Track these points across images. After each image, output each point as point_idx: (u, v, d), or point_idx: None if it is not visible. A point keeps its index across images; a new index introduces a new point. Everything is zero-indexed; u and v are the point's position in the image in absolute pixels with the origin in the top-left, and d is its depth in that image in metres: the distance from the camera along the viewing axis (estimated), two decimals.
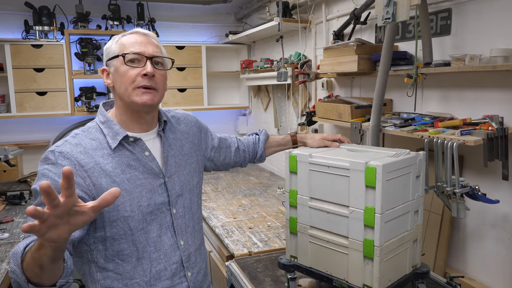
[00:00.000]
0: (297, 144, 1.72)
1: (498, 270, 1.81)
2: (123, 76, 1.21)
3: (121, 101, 1.25)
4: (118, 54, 1.22)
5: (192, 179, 1.40)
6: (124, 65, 1.21)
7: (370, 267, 1.29)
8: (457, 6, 1.90)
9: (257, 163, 1.79)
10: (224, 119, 4.88)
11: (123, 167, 1.22)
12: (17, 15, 3.91)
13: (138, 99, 1.20)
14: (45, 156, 1.18)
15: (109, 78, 1.26)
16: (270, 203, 3.02)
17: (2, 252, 2.22)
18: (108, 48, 1.26)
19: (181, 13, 4.49)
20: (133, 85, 1.20)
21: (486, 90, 1.80)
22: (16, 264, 0.97)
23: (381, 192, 1.24)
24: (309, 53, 3.20)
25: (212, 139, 1.59)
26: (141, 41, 1.23)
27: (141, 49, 1.21)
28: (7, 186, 3.73)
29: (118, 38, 1.25)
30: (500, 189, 1.75)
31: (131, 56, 1.20)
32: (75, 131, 1.27)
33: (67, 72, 3.89)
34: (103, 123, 1.25)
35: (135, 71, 1.20)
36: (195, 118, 1.54)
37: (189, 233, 1.35)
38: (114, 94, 1.27)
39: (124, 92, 1.21)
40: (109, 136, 1.22)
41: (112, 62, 1.24)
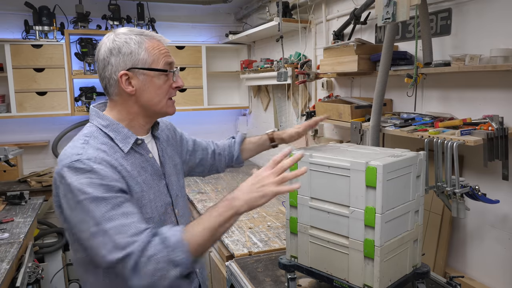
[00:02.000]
0: (275, 142, 1.68)
1: (498, 270, 1.81)
2: (159, 88, 1.21)
3: (141, 109, 1.22)
4: (152, 66, 1.19)
5: (180, 179, 1.42)
6: (160, 78, 1.21)
7: (370, 267, 1.29)
8: (457, 6, 1.90)
9: (236, 166, 1.75)
10: (224, 119, 4.88)
11: (138, 169, 1.21)
12: (17, 15, 3.91)
13: (170, 110, 1.25)
14: (74, 167, 1.07)
15: (131, 84, 1.19)
16: (270, 203, 3.01)
17: (2, 252, 2.22)
18: (134, 53, 1.17)
19: (181, 13, 4.49)
20: (167, 97, 1.23)
21: (486, 90, 1.80)
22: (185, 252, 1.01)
23: (381, 192, 1.24)
24: (309, 53, 3.20)
25: (187, 142, 1.58)
26: (167, 51, 1.24)
27: (172, 60, 1.24)
28: (7, 186, 3.74)
29: (140, 40, 1.19)
30: (500, 189, 1.75)
31: (169, 69, 1.22)
32: (79, 137, 1.18)
33: (67, 72, 3.89)
34: (107, 127, 1.20)
35: (169, 82, 1.23)
36: (169, 122, 1.54)
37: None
38: (127, 100, 1.21)
39: (157, 103, 1.22)
40: (118, 139, 1.19)
41: (143, 72, 1.19)
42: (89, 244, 1.06)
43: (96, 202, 1.04)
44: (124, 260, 1.01)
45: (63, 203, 1.09)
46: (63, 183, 1.07)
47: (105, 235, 1.03)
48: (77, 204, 1.05)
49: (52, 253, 3.58)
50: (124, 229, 1.03)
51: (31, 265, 2.44)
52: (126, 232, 1.03)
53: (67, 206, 1.08)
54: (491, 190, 1.74)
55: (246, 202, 1.06)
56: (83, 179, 1.05)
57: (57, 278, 3.58)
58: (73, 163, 1.07)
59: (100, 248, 1.03)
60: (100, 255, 1.04)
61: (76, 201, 1.05)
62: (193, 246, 1.04)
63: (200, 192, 3.38)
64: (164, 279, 1.01)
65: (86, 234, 1.05)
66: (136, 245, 1.02)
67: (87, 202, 1.04)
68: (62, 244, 3.64)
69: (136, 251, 1.02)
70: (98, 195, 1.05)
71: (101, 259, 1.04)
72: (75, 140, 1.17)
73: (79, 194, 1.04)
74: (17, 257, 2.29)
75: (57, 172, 1.10)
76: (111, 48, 1.17)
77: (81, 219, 1.06)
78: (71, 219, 1.09)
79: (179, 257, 1.02)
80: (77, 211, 1.06)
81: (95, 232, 1.03)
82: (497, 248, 1.81)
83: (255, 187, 1.06)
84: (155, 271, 1.01)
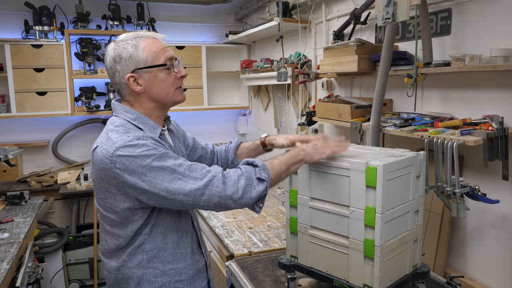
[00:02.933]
0: (267, 147, 1.71)
1: (498, 270, 1.81)
2: (163, 81, 1.34)
3: (154, 103, 1.36)
4: (153, 64, 1.31)
5: None
6: (162, 72, 1.33)
7: (370, 267, 1.30)
8: (457, 6, 1.90)
9: None
10: (224, 119, 4.88)
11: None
12: (17, 15, 3.91)
13: (179, 98, 1.39)
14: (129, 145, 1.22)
15: (139, 84, 1.32)
16: (270, 203, 3.02)
17: (2, 252, 2.22)
18: (133, 56, 1.30)
19: (181, 13, 4.49)
20: (174, 87, 1.36)
21: (486, 90, 1.80)
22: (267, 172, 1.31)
23: (381, 192, 1.24)
24: (309, 53, 3.20)
25: (188, 139, 1.69)
26: (164, 46, 1.36)
27: (170, 54, 1.35)
28: (7, 186, 3.74)
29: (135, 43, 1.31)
30: (500, 189, 1.75)
31: (168, 63, 1.34)
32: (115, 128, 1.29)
33: (67, 72, 3.89)
34: (135, 120, 1.33)
35: (172, 75, 1.35)
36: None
37: (196, 216, 1.55)
38: (140, 98, 1.34)
39: (166, 95, 1.35)
40: (147, 130, 1.33)
41: (146, 70, 1.31)
42: (170, 191, 1.21)
43: (162, 158, 1.22)
44: (210, 184, 1.23)
45: (127, 177, 1.22)
46: (122, 161, 1.21)
47: (184, 176, 1.23)
48: (145, 168, 1.20)
49: (52, 253, 3.58)
50: (194, 167, 1.26)
51: (31, 265, 2.44)
52: (197, 169, 1.25)
53: (134, 177, 1.21)
54: (491, 190, 1.74)
55: (308, 155, 1.38)
56: (142, 150, 1.21)
57: (57, 278, 3.59)
58: (128, 143, 1.22)
59: (185, 186, 1.22)
60: (187, 191, 1.22)
61: (143, 165, 1.20)
62: (272, 172, 1.32)
63: None
64: (253, 191, 1.27)
65: (165, 184, 1.21)
66: (213, 172, 1.26)
67: (155, 161, 1.21)
68: (62, 244, 3.64)
69: (216, 175, 1.25)
70: (162, 153, 1.23)
71: (188, 196, 1.22)
72: (112, 131, 1.28)
73: (145, 159, 1.20)
74: (17, 257, 2.29)
75: (112, 155, 1.21)
76: (114, 56, 1.32)
77: (154, 176, 1.21)
78: (142, 185, 1.22)
79: (264, 175, 1.29)
80: (149, 173, 1.21)
81: (173, 178, 1.22)
82: (497, 248, 1.81)
83: (315, 147, 1.39)
84: (246, 186, 1.26)
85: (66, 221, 4.10)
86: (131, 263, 1.35)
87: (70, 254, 3.75)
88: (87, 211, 4.19)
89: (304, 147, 1.40)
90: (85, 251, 3.78)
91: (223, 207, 1.27)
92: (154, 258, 1.35)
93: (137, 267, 1.34)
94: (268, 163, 1.33)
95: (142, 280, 1.34)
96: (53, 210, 4.06)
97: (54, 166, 4.25)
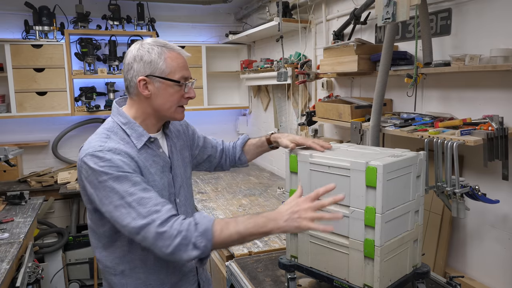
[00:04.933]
0: (272, 144, 1.69)
1: (498, 270, 1.81)
2: (171, 96, 1.34)
3: (153, 111, 1.37)
4: (168, 76, 1.32)
5: (187, 171, 1.56)
6: (173, 87, 1.34)
7: (370, 267, 1.30)
8: (457, 6, 1.90)
9: (240, 167, 1.80)
10: (224, 119, 4.88)
11: (150, 162, 1.36)
12: (17, 15, 3.91)
13: (179, 117, 1.40)
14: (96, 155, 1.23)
15: (148, 89, 1.33)
16: (270, 203, 3.02)
17: (2, 252, 2.22)
18: (154, 62, 1.31)
19: (181, 13, 4.49)
20: (177, 105, 1.37)
21: (486, 90, 1.80)
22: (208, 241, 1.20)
23: (381, 192, 1.24)
24: (309, 53, 3.20)
25: (198, 138, 1.69)
26: (185, 65, 1.36)
27: (188, 74, 1.36)
28: (7, 186, 3.74)
29: (160, 51, 1.32)
30: (500, 189, 1.75)
31: (182, 81, 1.34)
32: (102, 131, 1.33)
33: (67, 72, 3.89)
34: (125, 124, 1.35)
35: (181, 92, 1.36)
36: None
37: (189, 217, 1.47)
38: (143, 101, 1.35)
39: (167, 109, 1.36)
40: (133, 137, 1.34)
41: (159, 80, 1.32)
42: (113, 216, 1.22)
43: (118, 180, 1.21)
44: (147, 227, 1.19)
45: (86, 184, 1.26)
46: (85, 168, 1.24)
47: (129, 207, 1.20)
48: (100, 184, 1.22)
49: (52, 253, 3.58)
50: (145, 201, 1.21)
51: (31, 265, 2.44)
52: (147, 204, 1.21)
53: (90, 187, 1.25)
54: (491, 190, 1.74)
55: (280, 228, 1.20)
56: (104, 165, 1.22)
57: (57, 278, 3.59)
58: (96, 152, 1.24)
59: (124, 218, 1.20)
60: (124, 224, 1.21)
61: (99, 181, 1.22)
62: (217, 240, 1.20)
63: (200, 192, 3.38)
64: (184, 253, 1.20)
65: (110, 207, 1.22)
66: (159, 215, 1.20)
67: (110, 181, 1.21)
68: (62, 244, 3.64)
69: (158, 219, 1.19)
70: (120, 174, 1.22)
71: (124, 228, 1.22)
72: (99, 133, 1.33)
73: (102, 175, 1.21)
74: (17, 257, 2.29)
75: (81, 159, 1.26)
76: (136, 55, 1.33)
77: (105, 195, 1.22)
78: (94, 198, 1.25)
79: (200, 243, 1.19)
80: (101, 190, 1.22)
81: (119, 204, 1.21)
82: (497, 248, 1.81)
83: (294, 216, 1.19)
84: (180, 245, 1.18)
85: (66, 221, 4.10)
86: (113, 270, 1.37)
87: (70, 254, 3.75)
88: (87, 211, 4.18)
89: (276, 216, 1.20)
90: (85, 251, 3.78)
91: (155, 253, 1.23)
92: (136, 268, 1.36)
93: (120, 276, 1.36)
94: (220, 227, 1.21)
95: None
96: (53, 210, 4.06)
97: (54, 166, 4.25)
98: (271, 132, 1.72)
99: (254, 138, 1.78)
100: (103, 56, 4.10)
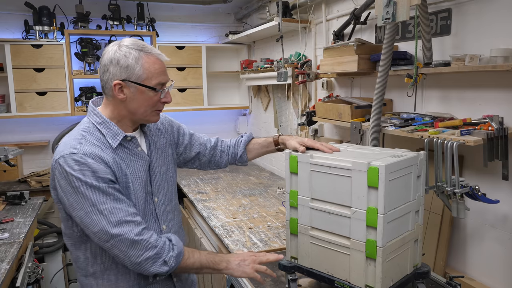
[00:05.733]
0: (279, 145, 1.68)
1: (498, 270, 1.81)
2: (146, 100, 1.34)
3: (128, 114, 1.36)
4: (144, 83, 1.31)
5: (169, 170, 1.55)
6: (149, 93, 1.33)
7: (372, 268, 1.29)
8: (457, 6, 1.90)
9: (239, 165, 1.79)
10: (224, 119, 4.88)
11: (127, 161, 1.36)
12: (17, 15, 3.91)
13: (153, 119, 1.40)
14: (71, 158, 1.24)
15: (123, 93, 1.32)
16: (270, 203, 3.02)
17: (2, 252, 2.22)
18: (130, 67, 1.29)
19: (181, 13, 4.49)
20: (153, 109, 1.37)
21: (486, 90, 1.80)
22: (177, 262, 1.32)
23: (383, 193, 1.24)
24: (309, 53, 3.20)
25: (184, 135, 1.68)
26: (163, 70, 1.35)
27: (164, 79, 1.35)
28: (7, 186, 3.74)
29: (138, 56, 1.30)
30: (500, 189, 1.75)
31: (158, 88, 1.33)
32: (78, 132, 1.33)
33: (67, 72, 3.89)
34: (100, 124, 1.35)
35: (157, 97, 1.35)
36: (165, 115, 1.65)
37: (169, 218, 1.52)
38: (118, 104, 1.35)
39: (143, 113, 1.36)
40: (108, 136, 1.34)
41: (134, 85, 1.31)
42: (84, 221, 1.25)
43: (91, 188, 1.23)
44: (120, 236, 1.23)
45: (58, 187, 1.28)
46: (59, 170, 1.25)
47: (100, 214, 1.23)
48: (73, 189, 1.23)
49: (52, 253, 3.58)
50: (116, 210, 1.24)
51: (31, 265, 2.44)
52: (118, 214, 1.24)
53: (62, 190, 1.26)
54: (491, 190, 1.75)
55: (229, 270, 1.40)
56: (79, 169, 1.23)
57: (57, 278, 3.58)
58: (71, 155, 1.24)
59: (95, 224, 1.24)
60: (95, 230, 1.24)
61: (72, 186, 1.23)
62: (182, 265, 1.34)
63: (200, 192, 3.38)
64: (151, 267, 1.28)
65: (80, 213, 1.24)
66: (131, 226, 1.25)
67: (83, 188, 1.23)
68: (62, 244, 3.63)
69: (134, 230, 1.25)
70: (93, 183, 1.23)
71: (94, 234, 1.25)
72: (74, 134, 1.33)
73: (75, 181, 1.22)
74: (17, 257, 2.29)
75: (56, 160, 1.27)
76: (112, 58, 1.31)
77: (76, 200, 1.24)
78: (65, 201, 1.27)
79: (171, 263, 1.31)
80: (73, 195, 1.24)
81: (90, 211, 1.23)
82: (497, 248, 1.81)
83: (242, 263, 1.40)
84: (150, 258, 1.27)
85: None
86: (85, 271, 1.39)
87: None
88: None
89: (230, 260, 1.40)
90: None
91: (120, 261, 1.29)
92: (107, 270, 1.37)
93: (91, 277, 1.39)
94: (188, 254, 1.36)
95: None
96: (53, 210, 4.06)
97: None
98: (279, 134, 1.70)
99: (259, 138, 1.77)
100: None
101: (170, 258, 1.30)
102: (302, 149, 1.48)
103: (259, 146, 1.74)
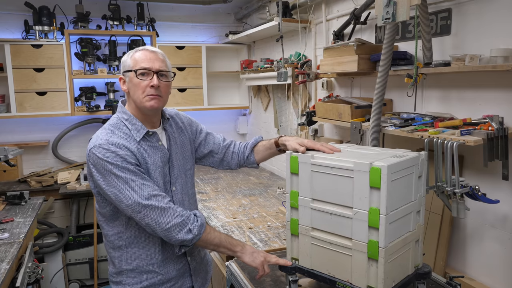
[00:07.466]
0: (280, 146, 1.69)
1: (498, 270, 1.81)
2: (136, 86, 1.51)
3: (134, 104, 1.54)
4: (132, 69, 1.50)
5: (187, 163, 1.70)
6: (136, 78, 1.50)
7: (374, 268, 1.29)
8: (457, 6, 1.90)
9: (249, 167, 1.83)
10: (224, 119, 4.88)
11: (149, 152, 1.53)
12: (17, 15, 3.91)
13: (147, 104, 1.51)
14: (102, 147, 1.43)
15: (125, 85, 1.55)
16: (270, 203, 3.02)
17: (2, 252, 2.22)
18: (124, 62, 1.54)
19: (181, 13, 4.49)
20: (144, 94, 1.51)
21: (486, 90, 1.80)
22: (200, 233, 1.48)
23: (386, 193, 1.23)
24: (309, 53, 3.20)
25: (200, 133, 1.81)
26: (150, 58, 1.51)
27: (149, 65, 1.50)
28: (7, 186, 3.74)
29: (132, 54, 1.53)
30: (500, 189, 1.75)
31: (141, 71, 1.50)
32: (108, 126, 1.52)
33: (67, 72, 3.89)
34: (127, 120, 1.54)
35: (145, 83, 1.50)
36: (186, 115, 1.82)
37: (186, 205, 1.66)
38: (129, 97, 1.56)
39: (137, 99, 1.52)
40: (133, 130, 1.52)
41: (127, 74, 1.53)
42: (118, 197, 1.42)
43: (122, 169, 1.42)
44: (150, 206, 1.42)
45: (94, 172, 1.46)
46: (93, 157, 1.44)
47: (132, 190, 1.42)
48: (106, 171, 1.43)
49: (52, 253, 3.58)
50: (144, 187, 1.44)
51: (31, 265, 2.44)
52: (146, 189, 1.43)
53: (98, 173, 1.45)
54: (491, 190, 1.75)
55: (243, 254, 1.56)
56: (109, 156, 1.42)
57: (57, 278, 3.59)
58: (102, 145, 1.44)
59: (128, 198, 1.42)
60: (129, 203, 1.42)
61: (106, 169, 1.42)
62: (204, 237, 1.49)
63: (200, 192, 3.38)
64: (179, 234, 1.44)
65: (115, 190, 1.43)
66: (159, 197, 1.44)
67: (115, 170, 1.42)
68: (62, 244, 3.64)
69: (162, 200, 1.44)
70: (123, 165, 1.43)
71: (128, 207, 1.42)
72: (105, 128, 1.53)
73: (108, 165, 1.42)
74: (17, 257, 2.29)
75: (90, 150, 1.46)
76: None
77: (110, 180, 1.43)
78: (101, 183, 1.45)
79: (195, 231, 1.47)
80: (107, 176, 1.43)
81: (123, 188, 1.42)
82: (497, 248, 1.81)
83: (256, 254, 1.56)
84: (177, 225, 1.44)
85: (66, 221, 4.10)
86: (112, 244, 1.58)
87: (70, 254, 3.75)
88: (87, 211, 4.18)
89: (245, 249, 1.56)
90: (85, 251, 3.78)
91: (152, 229, 1.45)
92: (131, 244, 1.55)
93: (118, 250, 1.57)
94: (209, 229, 1.52)
95: (121, 261, 1.57)
96: (53, 210, 4.06)
97: (54, 166, 4.25)
98: (281, 135, 1.72)
99: (266, 140, 1.79)
100: (103, 56, 4.10)
101: (194, 227, 1.46)
102: (302, 150, 1.49)
103: (264, 148, 1.77)
